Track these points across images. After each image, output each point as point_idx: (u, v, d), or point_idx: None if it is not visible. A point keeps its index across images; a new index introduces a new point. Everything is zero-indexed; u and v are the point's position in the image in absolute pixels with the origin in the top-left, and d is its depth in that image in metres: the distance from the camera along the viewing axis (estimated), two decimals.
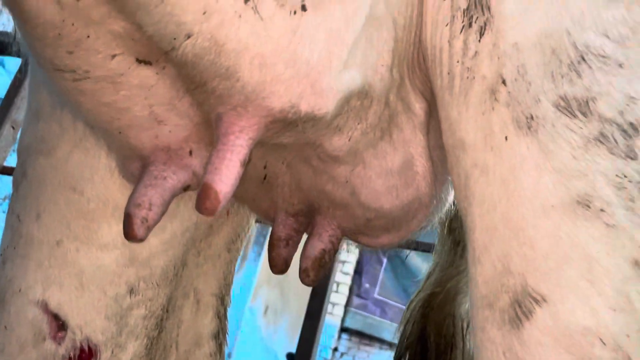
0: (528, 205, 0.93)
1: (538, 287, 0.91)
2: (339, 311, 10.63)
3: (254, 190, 1.22)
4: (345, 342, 10.82)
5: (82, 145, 1.17)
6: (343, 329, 10.77)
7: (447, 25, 1.02)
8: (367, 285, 11.17)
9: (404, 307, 2.02)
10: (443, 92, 1.05)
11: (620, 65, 0.96)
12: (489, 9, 0.98)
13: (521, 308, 0.91)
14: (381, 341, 10.62)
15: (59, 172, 1.18)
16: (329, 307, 10.39)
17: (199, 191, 0.94)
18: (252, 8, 0.85)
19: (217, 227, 1.40)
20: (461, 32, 1.00)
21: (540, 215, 0.92)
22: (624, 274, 0.90)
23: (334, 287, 10.27)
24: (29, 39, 0.96)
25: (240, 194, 1.24)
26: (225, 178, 0.93)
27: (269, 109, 0.93)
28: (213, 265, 1.43)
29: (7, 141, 3.20)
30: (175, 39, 0.87)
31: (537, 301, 0.90)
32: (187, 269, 1.37)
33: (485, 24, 0.98)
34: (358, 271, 10.81)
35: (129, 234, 1.01)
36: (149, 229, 1.02)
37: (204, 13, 0.84)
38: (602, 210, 0.91)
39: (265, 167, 1.16)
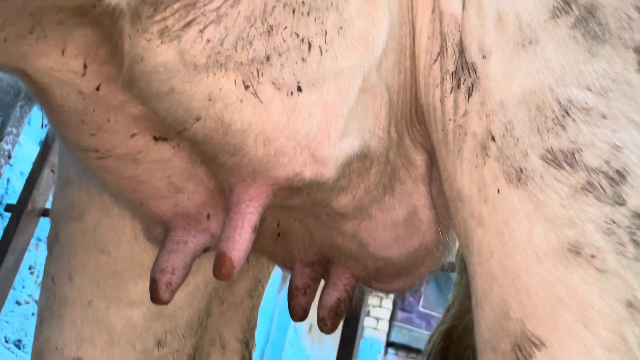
0: (522, 254, 0.97)
1: (536, 331, 0.95)
2: (383, 326, 10.57)
3: (270, 244, 1.29)
4: (392, 357, 10.77)
5: (109, 211, 1.26)
6: (389, 344, 10.73)
7: (437, 86, 1.08)
8: (410, 299, 11.12)
9: None
10: (440, 147, 1.10)
11: (604, 116, 1.00)
12: (475, 71, 1.03)
13: (522, 352, 0.96)
14: None
15: (88, 236, 1.27)
16: (374, 322, 10.36)
17: (215, 259, 1.02)
18: (252, 93, 0.93)
19: (238, 276, 1.47)
20: (451, 92, 1.06)
21: (534, 262, 0.96)
22: (618, 315, 0.94)
23: (378, 301, 10.24)
24: (55, 123, 1.06)
25: (258, 248, 1.31)
26: (238, 245, 1.01)
27: (275, 179, 1.01)
28: (236, 312, 1.50)
29: (47, 184, 3.34)
30: (185, 121, 0.96)
31: (536, 345, 0.95)
32: (212, 317, 1.44)
33: (472, 85, 1.03)
34: None
35: (155, 298, 1.09)
36: (173, 292, 1.10)
37: (210, 99, 0.92)
38: (592, 256, 0.95)
39: (278, 225, 1.23)
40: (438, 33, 1.08)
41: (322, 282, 1.35)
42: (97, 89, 0.97)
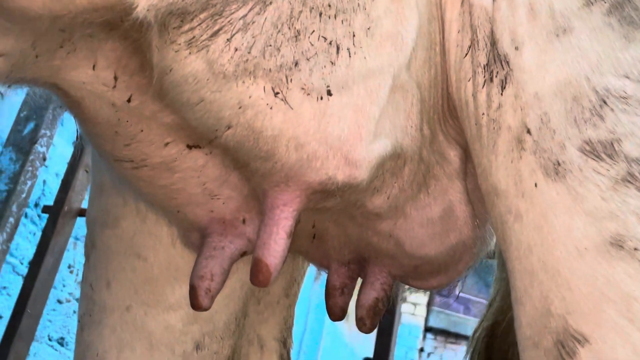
0: (562, 249, 0.95)
1: (579, 327, 0.93)
2: (421, 311, 10.55)
3: (306, 244, 1.29)
4: (430, 342, 10.74)
5: (145, 217, 1.27)
6: (427, 329, 10.70)
7: (469, 80, 1.06)
8: None
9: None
10: (474, 141, 1.08)
11: None
12: (507, 63, 1.01)
13: (564, 348, 0.94)
14: (467, 338, 10.48)
15: (124, 242, 1.28)
16: (411, 308, 10.34)
17: (252, 265, 1.02)
18: (282, 99, 0.92)
19: None
20: (483, 86, 1.04)
21: (575, 257, 0.94)
22: None
23: None
24: (90, 135, 1.07)
25: (293, 248, 1.30)
26: (274, 252, 1.01)
27: (308, 183, 1.00)
28: (273, 311, 1.50)
29: (82, 185, 3.38)
30: (217, 130, 0.96)
31: (579, 341, 0.93)
32: (249, 318, 1.44)
33: (505, 78, 1.01)
34: None
35: (195, 304, 1.10)
36: (212, 298, 1.11)
37: (240, 107, 0.92)
38: (636, 249, 0.92)
39: (313, 226, 1.23)
40: (468, 26, 1.06)
41: (359, 281, 1.35)
42: (129, 100, 0.97)
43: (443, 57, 1.11)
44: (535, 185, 0.98)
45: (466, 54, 1.06)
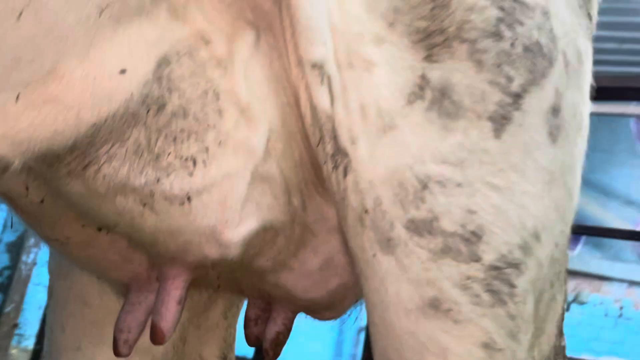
0: (394, 310, 1.18)
1: None
2: None
3: (220, 288, 1.52)
4: None
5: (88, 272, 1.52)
6: None
7: (324, 164, 1.26)
8: None
9: None
10: (336, 211, 1.29)
11: (459, 185, 1.17)
12: (347, 155, 1.20)
13: None
14: None
15: (74, 291, 1.54)
16: None
17: (150, 328, 1.27)
18: (150, 209, 1.15)
19: (210, 303, 1.70)
20: (332, 171, 1.23)
21: (404, 317, 1.17)
22: (475, 356, 1.15)
23: None
24: (22, 219, 1.31)
25: (212, 289, 1.55)
26: (166, 318, 1.27)
27: (189, 262, 1.25)
28: (213, 333, 1.73)
29: None
30: (108, 225, 1.22)
31: None
32: (188, 343, 1.68)
33: (346, 167, 1.21)
34: None
35: (116, 353, 1.37)
36: (131, 347, 1.37)
37: (119, 214, 1.16)
38: (449, 309, 1.15)
39: (218, 278, 1.46)
40: (316, 122, 1.24)
41: None
42: (42, 201, 1.22)
43: (306, 141, 1.30)
44: (374, 256, 1.19)
45: (318, 144, 1.25)
